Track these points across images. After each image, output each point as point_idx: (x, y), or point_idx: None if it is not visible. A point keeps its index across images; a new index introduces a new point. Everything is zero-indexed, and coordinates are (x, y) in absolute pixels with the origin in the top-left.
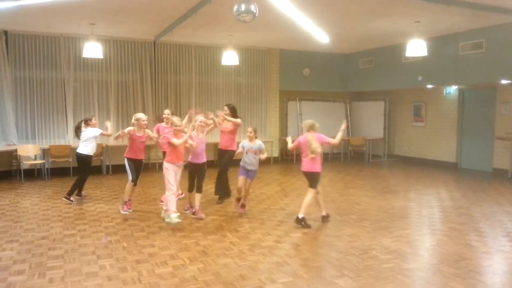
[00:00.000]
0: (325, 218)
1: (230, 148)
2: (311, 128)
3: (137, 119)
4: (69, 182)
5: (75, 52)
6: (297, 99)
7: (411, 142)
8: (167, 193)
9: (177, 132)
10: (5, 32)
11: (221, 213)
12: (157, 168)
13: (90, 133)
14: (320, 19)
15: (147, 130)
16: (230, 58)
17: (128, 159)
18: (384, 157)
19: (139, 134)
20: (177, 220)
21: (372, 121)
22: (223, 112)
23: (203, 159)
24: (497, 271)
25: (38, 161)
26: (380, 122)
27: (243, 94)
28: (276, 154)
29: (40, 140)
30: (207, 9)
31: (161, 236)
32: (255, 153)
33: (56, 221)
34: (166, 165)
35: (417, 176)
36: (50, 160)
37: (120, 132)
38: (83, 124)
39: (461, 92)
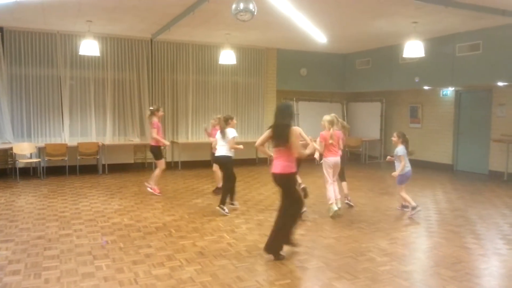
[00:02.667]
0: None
1: None
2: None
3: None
4: (65, 181)
5: (71, 50)
6: (294, 99)
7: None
8: None
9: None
10: (1, 29)
11: (218, 214)
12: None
13: (231, 133)
14: (318, 19)
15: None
16: (227, 57)
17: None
18: (381, 158)
19: None
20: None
21: (368, 122)
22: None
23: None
24: (494, 273)
25: (34, 160)
26: (377, 123)
27: (240, 93)
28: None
29: (35, 138)
30: (205, 7)
31: (157, 237)
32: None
33: (52, 220)
34: None
35: (413, 177)
36: (46, 158)
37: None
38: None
39: (457, 94)
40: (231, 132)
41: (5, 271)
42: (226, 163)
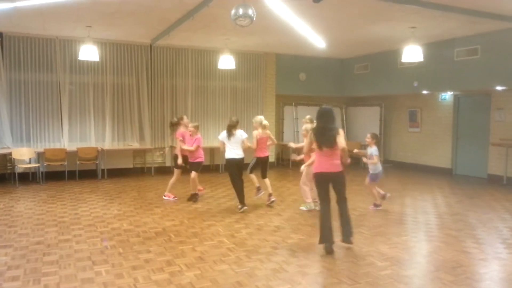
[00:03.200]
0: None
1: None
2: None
3: None
4: (64, 186)
5: (71, 55)
6: (293, 103)
7: (406, 148)
8: None
9: None
10: (0, 34)
11: (218, 219)
12: (153, 172)
13: (244, 134)
14: (316, 24)
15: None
16: (226, 62)
17: None
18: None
19: None
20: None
21: (367, 126)
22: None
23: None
24: (494, 278)
25: (33, 165)
26: (376, 127)
27: (239, 98)
28: (272, 159)
29: (35, 143)
30: (204, 13)
31: (157, 242)
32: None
33: (51, 226)
34: None
35: (412, 181)
36: (45, 163)
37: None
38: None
39: (456, 98)
40: (243, 133)
41: (4, 277)
42: (242, 163)
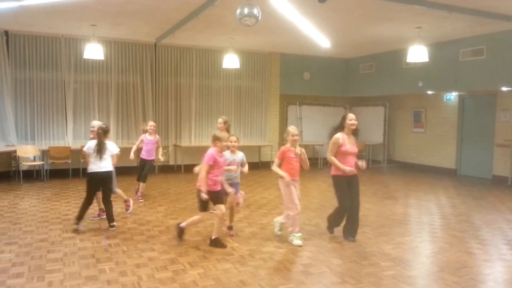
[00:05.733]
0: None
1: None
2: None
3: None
4: (68, 184)
5: (75, 53)
6: (297, 103)
7: (411, 148)
8: None
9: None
10: (6, 32)
11: None
12: (156, 171)
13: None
14: (321, 24)
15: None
16: (231, 61)
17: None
18: (384, 163)
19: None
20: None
21: (372, 126)
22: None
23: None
24: (498, 279)
25: (37, 162)
26: (380, 127)
27: (244, 97)
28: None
29: (39, 141)
30: (209, 12)
31: (160, 240)
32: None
33: (55, 223)
34: None
35: (417, 182)
36: (49, 161)
37: None
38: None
39: (461, 99)
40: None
41: (9, 273)
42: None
